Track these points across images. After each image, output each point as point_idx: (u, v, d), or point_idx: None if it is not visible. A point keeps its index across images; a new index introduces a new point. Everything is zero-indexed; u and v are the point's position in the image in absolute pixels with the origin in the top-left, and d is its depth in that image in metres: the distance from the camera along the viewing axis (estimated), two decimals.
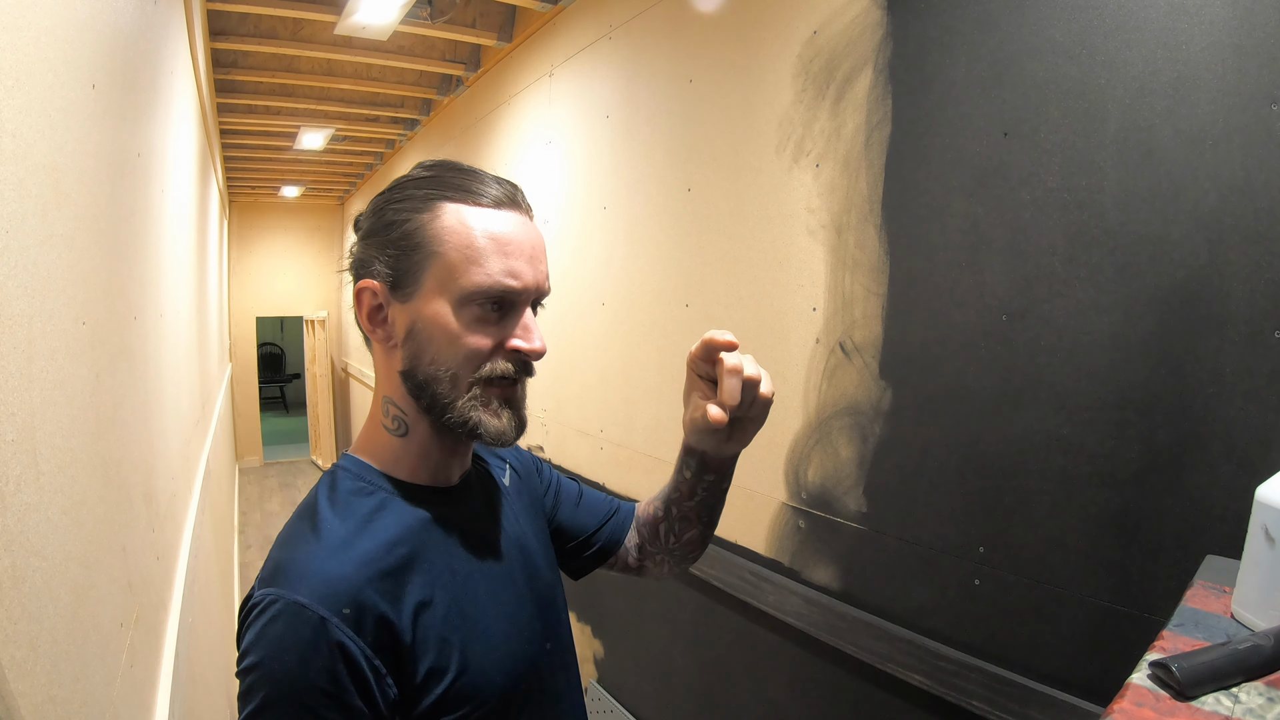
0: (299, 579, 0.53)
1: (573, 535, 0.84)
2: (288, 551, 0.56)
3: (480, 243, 0.59)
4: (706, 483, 0.74)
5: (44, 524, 0.61)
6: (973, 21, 1.12)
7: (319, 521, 0.57)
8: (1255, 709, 0.45)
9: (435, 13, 2.59)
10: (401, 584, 0.56)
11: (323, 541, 0.56)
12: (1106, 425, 0.96)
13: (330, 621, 0.51)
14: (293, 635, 0.50)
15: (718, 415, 0.60)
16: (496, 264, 0.59)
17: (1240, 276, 0.84)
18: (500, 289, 0.59)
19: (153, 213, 1.46)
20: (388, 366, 0.63)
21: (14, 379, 0.55)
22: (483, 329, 0.60)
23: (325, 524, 0.57)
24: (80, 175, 0.80)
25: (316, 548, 0.55)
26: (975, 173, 1.12)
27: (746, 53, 1.60)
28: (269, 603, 0.52)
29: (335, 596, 0.52)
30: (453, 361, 0.60)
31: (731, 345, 0.61)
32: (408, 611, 0.56)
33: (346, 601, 0.52)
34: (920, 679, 1.18)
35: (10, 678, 0.50)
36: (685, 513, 0.77)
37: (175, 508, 1.61)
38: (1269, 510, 0.56)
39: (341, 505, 0.59)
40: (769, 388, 0.62)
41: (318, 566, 0.54)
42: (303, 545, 0.56)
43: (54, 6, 0.70)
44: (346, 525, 0.57)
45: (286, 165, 5.41)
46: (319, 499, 0.60)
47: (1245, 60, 0.83)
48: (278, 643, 0.50)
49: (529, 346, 0.61)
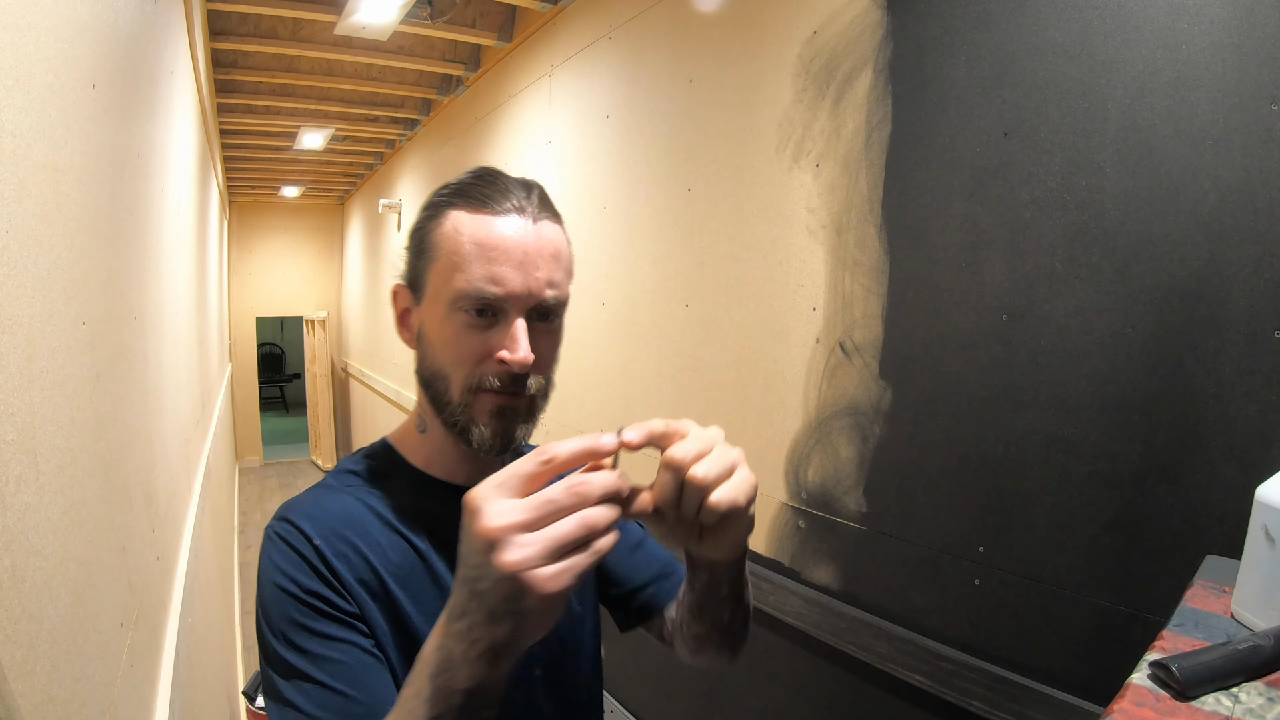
0: (295, 506, 0.62)
1: (617, 582, 0.79)
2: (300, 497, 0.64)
3: (465, 248, 0.58)
4: (700, 581, 0.63)
5: (44, 524, 0.61)
6: (973, 21, 1.12)
7: (328, 480, 0.66)
8: (1255, 709, 0.45)
9: (435, 13, 2.59)
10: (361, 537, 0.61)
11: (323, 488, 0.65)
12: (1106, 425, 0.96)
13: (308, 534, 0.58)
14: (279, 539, 0.59)
15: (641, 504, 0.48)
16: (478, 270, 0.58)
17: (1240, 276, 0.84)
18: (479, 294, 0.58)
19: (153, 213, 1.46)
20: (415, 365, 0.66)
21: (14, 379, 0.55)
22: (471, 335, 0.59)
23: (333, 480, 0.66)
24: (80, 175, 0.80)
25: (318, 491, 0.64)
26: (975, 173, 1.12)
27: (746, 53, 1.60)
28: (270, 525, 0.61)
29: (311, 518, 0.60)
30: (446, 366, 0.61)
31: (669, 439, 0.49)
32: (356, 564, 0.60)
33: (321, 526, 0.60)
34: (920, 679, 1.18)
35: (10, 678, 0.50)
36: (689, 604, 0.69)
37: (175, 508, 1.61)
38: (1269, 510, 0.56)
39: (352, 473, 0.66)
40: (728, 496, 0.48)
41: (311, 499, 0.63)
42: (311, 491, 0.65)
43: (54, 6, 0.70)
44: (346, 480, 0.65)
45: (286, 165, 5.41)
46: (339, 468, 0.68)
47: (1245, 60, 0.83)
48: (269, 545, 0.59)
49: (509, 356, 0.58)
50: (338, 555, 0.58)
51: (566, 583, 0.41)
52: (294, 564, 0.57)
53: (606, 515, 0.42)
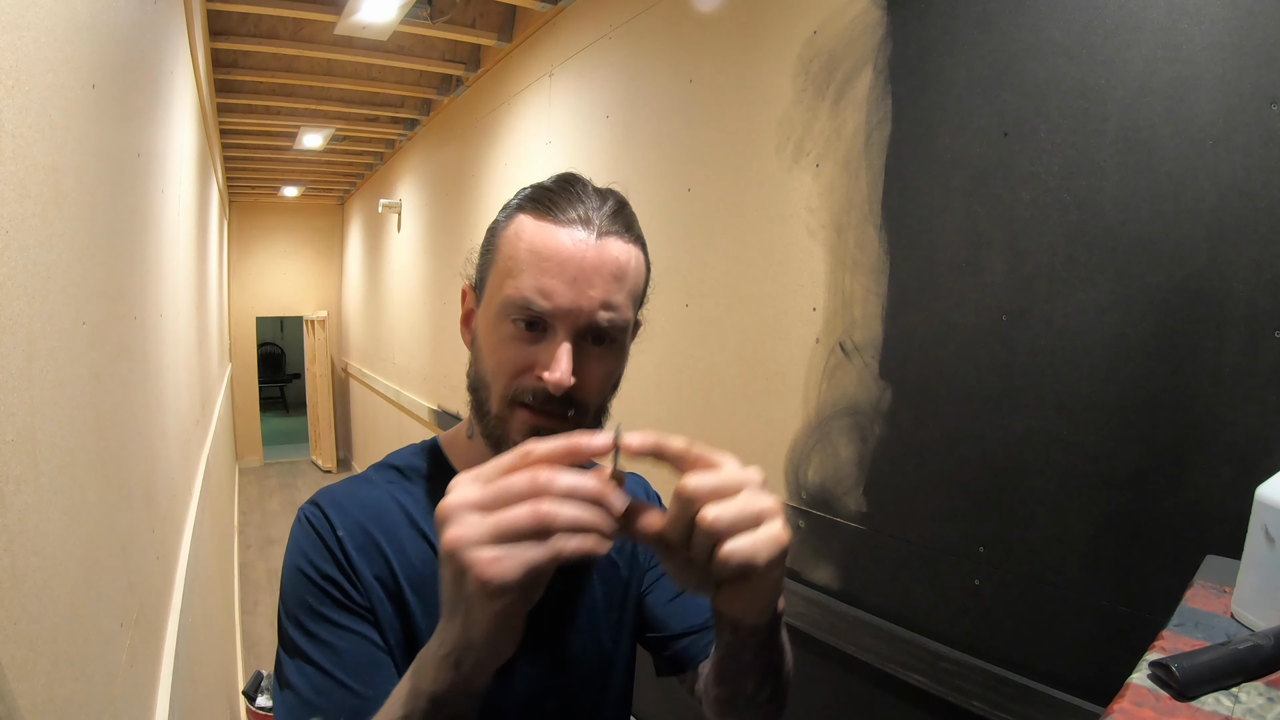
0: (326, 492, 0.63)
1: (654, 627, 0.75)
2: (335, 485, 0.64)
3: (521, 254, 0.55)
4: (724, 639, 0.53)
5: (44, 524, 0.61)
6: (973, 21, 1.12)
7: (367, 473, 0.66)
8: (1255, 709, 0.45)
9: (435, 13, 2.59)
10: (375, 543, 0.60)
11: (358, 478, 0.65)
12: (1106, 425, 0.96)
13: (335, 524, 0.59)
14: (307, 523, 0.60)
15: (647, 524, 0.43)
16: (529, 279, 0.54)
17: (1240, 276, 0.84)
18: (526, 304, 0.54)
19: (153, 213, 1.46)
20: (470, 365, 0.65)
21: (14, 379, 0.55)
22: (515, 346, 0.56)
23: (371, 473, 0.66)
24: (80, 175, 0.80)
25: (352, 481, 0.65)
26: (975, 173, 1.12)
27: (746, 53, 1.60)
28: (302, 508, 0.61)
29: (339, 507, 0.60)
30: (488, 374, 0.58)
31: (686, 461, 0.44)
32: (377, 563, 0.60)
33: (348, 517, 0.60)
34: (920, 679, 1.18)
35: (10, 678, 0.50)
36: (713, 663, 0.60)
37: (175, 508, 1.61)
38: (1269, 510, 0.56)
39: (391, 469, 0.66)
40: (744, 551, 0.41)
41: (344, 488, 0.63)
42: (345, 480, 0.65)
43: (54, 6, 0.70)
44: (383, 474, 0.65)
45: (286, 165, 5.41)
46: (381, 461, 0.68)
47: (1245, 60, 0.83)
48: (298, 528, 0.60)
49: (547, 375, 0.54)
50: (358, 548, 0.59)
51: (509, 571, 0.37)
52: (315, 548, 0.58)
53: (571, 513, 0.38)
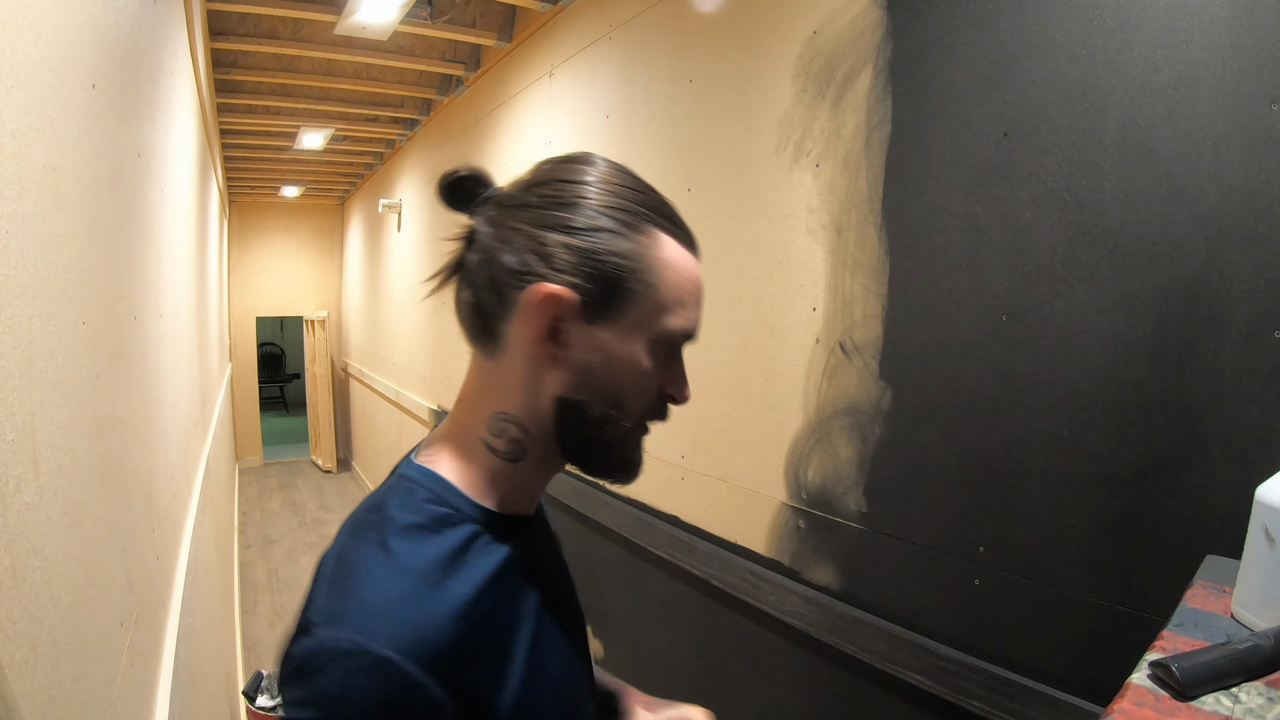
0: (382, 625, 0.43)
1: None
2: (360, 585, 0.46)
3: (689, 286, 0.56)
4: None
5: (44, 524, 0.61)
6: (973, 21, 1.12)
7: (396, 551, 0.47)
8: (1255, 709, 0.45)
9: (435, 13, 2.59)
10: (494, 635, 0.50)
11: (407, 577, 0.46)
12: (1106, 425, 0.97)
13: (423, 684, 0.43)
14: (376, 699, 0.42)
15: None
16: (694, 311, 0.56)
17: (1240, 276, 0.84)
18: (689, 336, 0.57)
19: (153, 213, 1.46)
20: (526, 383, 0.54)
21: (14, 379, 0.55)
22: (660, 370, 0.56)
23: (405, 554, 0.48)
24: (80, 175, 0.80)
25: (400, 586, 0.46)
26: (975, 173, 1.12)
27: (746, 53, 1.60)
28: (344, 652, 0.42)
29: (431, 652, 0.44)
30: (633, 399, 0.55)
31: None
32: (497, 667, 0.49)
33: (443, 659, 0.44)
34: (920, 679, 1.18)
35: (10, 678, 0.50)
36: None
37: (175, 508, 1.61)
38: (1269, 510, 0.56)
39: (423, 531, 0.50)
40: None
41: (406, 610, 0.45)
42: (382, 580, 0.46)
43: (54, 6, 0.70)
44: (431, 558, 0.48)
45: (286, 165, 5.41)
46: (391, 519, 0.50)
47: (1245, 60, 0.83)
48: (352, 704, 0.42)
49: (684, 395, 0.58)
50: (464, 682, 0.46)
51: None
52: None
53: None
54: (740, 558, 1.61)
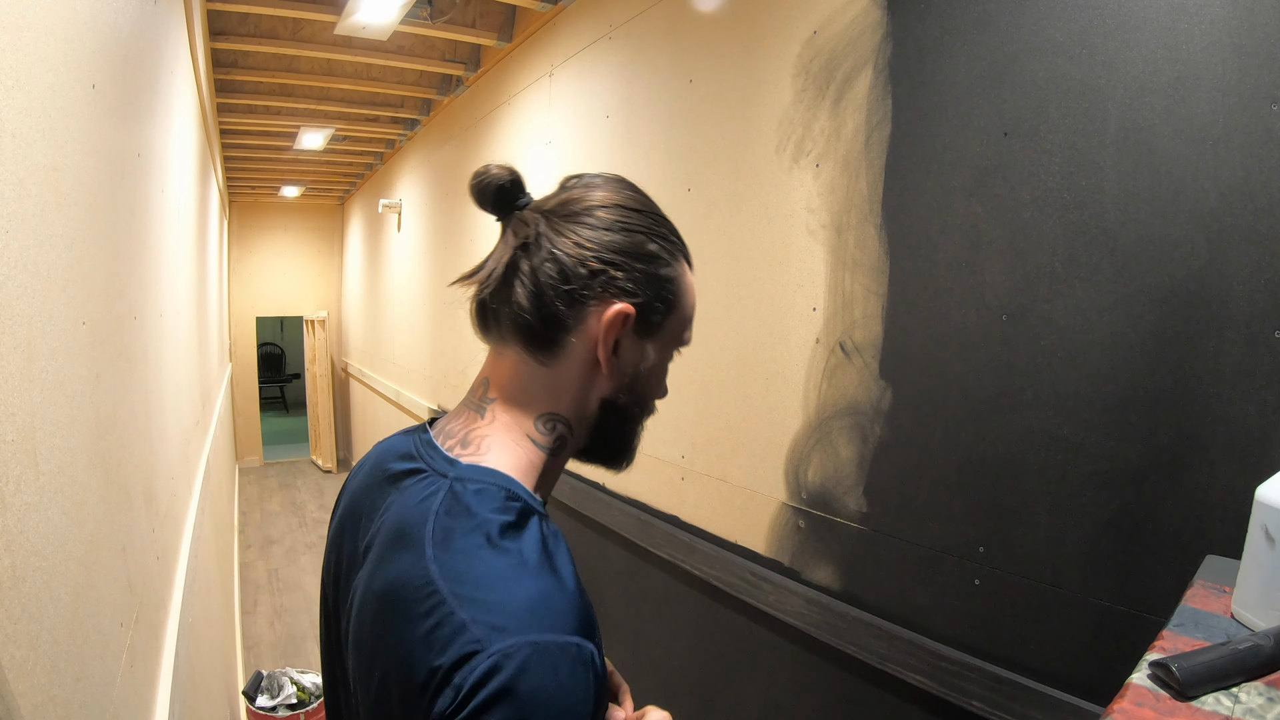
0: (547, 616, 0.46)
1: None
2: (499, 589, 0.47)
3: (694, 304, 0.66)
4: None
5: (44, 524, 0.61)
6: (973, 21, 1.12)
7: (509, 549, 0.49)
8: (1255, 709, 0.45)
9: (435, 13, 2.59)
10: (590, 604, 0.53)
11: (533, 569, 0.49)
12: (1106, 425, 0.97)
13: (598, 657, 0.47)
14: (580, 682, 0.44)
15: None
16: (692, 325, 0.66)
17: (1240, 276, 0.84)
18: (688, 345, 0.66)
19: (153, 213, 1.46)
20: (580, 387, 0.59)
21: (14, 379, 0.55)
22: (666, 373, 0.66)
23: (518, 551, 0.50)
24: (80, 175, 0.80)
25: (534, 577, 0.48)
26: (975, 173, 1.12)
27: (746, 53, 1.60)
28: (531, 654, 0.43)
29: (589, 624, 0.48)
30: (656, 399, 0.66)
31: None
32: (599, 632, 0.53)
33: (593, 630, 0.48)
34: (920, 679, 1.18)
35: (10, 678, 0.50)
36: None
37: (175, 508, 1.61)
38: (1269, 510, 0.56)
39: (517, 528, 0.52)
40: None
41: (554, 598, 0.47)
42: (517, 578, 0.48)
43: (54, 6, 0.70)
44: (533, 548, 0.50)
45: (286, 165, 5.42)
46: (489, 521, 0.51)
47: (1245, 60, 0.83)
48: (564, 696, 0.43)
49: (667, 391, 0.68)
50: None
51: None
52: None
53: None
54: (740, 558, 1.61)
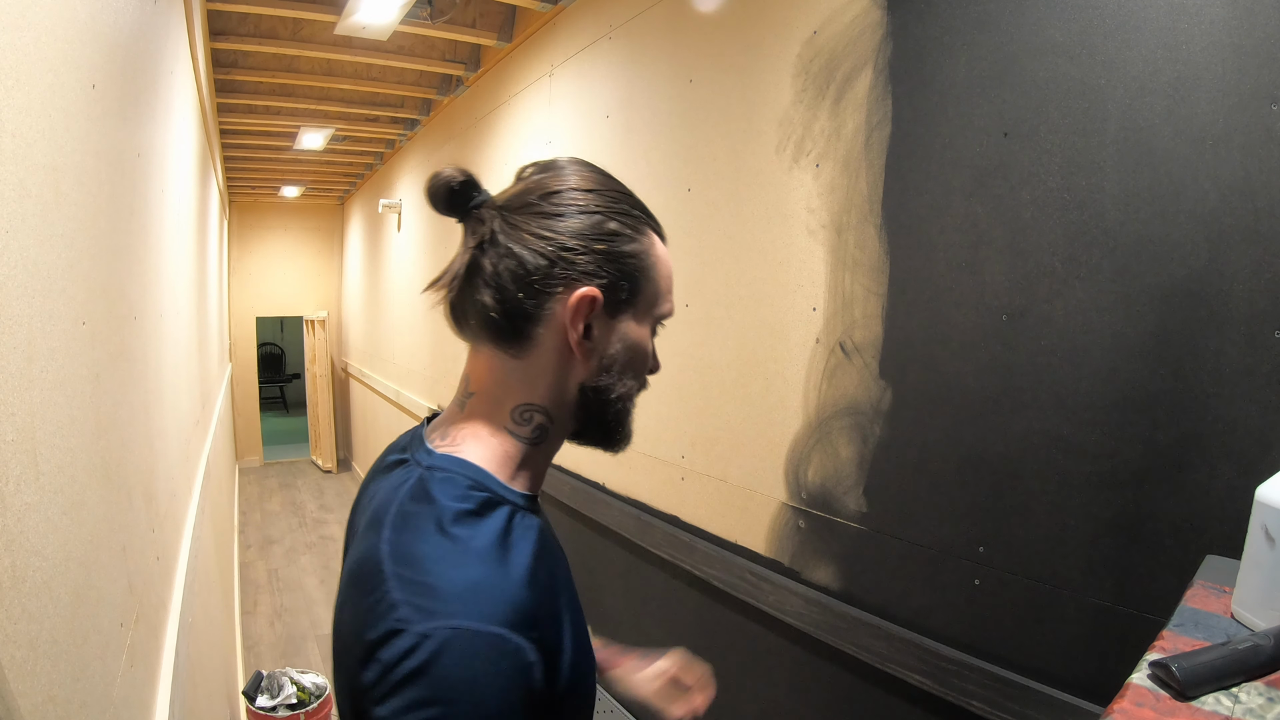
0: (475, 604, 0.46)
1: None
2: (437, 573, 0.48)
3: (670, 275, 0.65)
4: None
5: (44, 524, 0.61)
6: (973, 21, 1.12)
7: (458, 536, 0.50)
8: (1255, 709, 0.45)
9: (435, 13, 2.59)
10: (551, 600, 0.53)
11: (477, 557, 0.49)
12: (1106, 425, 0.97)
13: (525, 649, 0.46)
14: (494, 673, 0.44)
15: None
16: (672, 295, 0.66)
17: (1240, 276, 0.84)
18: (671, 315, 0.66)
19: (153, 213, 1.46)
20: (554, 375, 0.59)
21: (14, 379, 0.55)
22: (650, 343, 0.65)
23: (466, 537, 0.50)
24: (80, 175, 0.80)
25: (475, 566, 0.48)
26: (975, 173, 1.12)
27: (746, 53, 1.60)
28: (449, 638, 0.44)
29: (522, 618, 0.47)
30: (640, 377, 0.65)
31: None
32: (557, 629, 0.53)
33: (530, 622, 0.48)
34: (920, 679, 1.18)
35: (10, 678, 0.50)
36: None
37: (175, 508, 1.61)
38: (1269, 510, 0.56)
39: (474, 516, 0.52)
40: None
41: (490, 588, 0.47)
42: (457, 564, 0.48)
43: (54, 6, 0.70)
44: (487, 538, 0.51)
45: (286, 165, 5.41)
46: (444, 508, 0.52)
47: (1245, 60, 0.83)
48: (475, 684, 0.43)
49: (658, 365, 0.67)
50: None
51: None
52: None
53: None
54: (740, 558, 1.61)
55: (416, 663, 0.43)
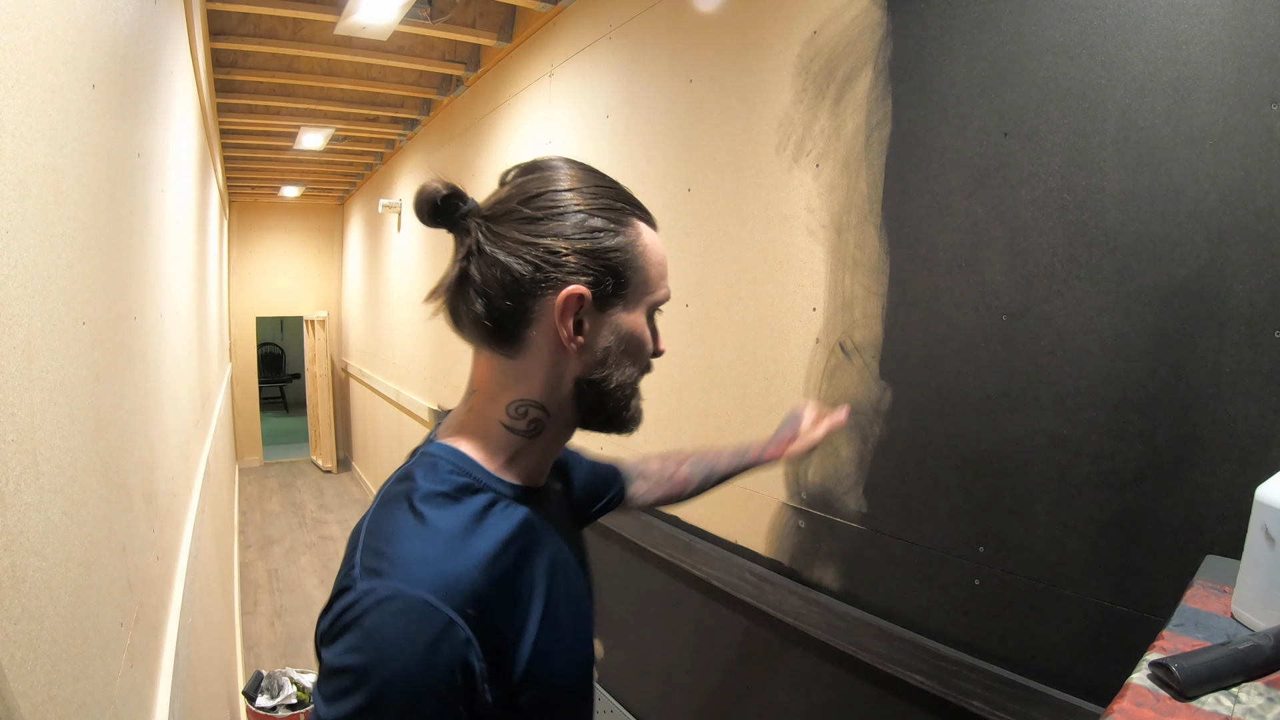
0: (417, 573, 0.50)
1: (589, 502, 0.90)
2: (394, 543, 0.52)
3: (663, 261, 0.65)
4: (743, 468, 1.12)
5: (44, 524, 0.61)
6: (973, 21, 1.12)
7: (425, 514, 0.54)
8: (1255, 709, 0.45)
9: (435, 13, 2.59)
10: (514, 587, 0.56)
11: (436, 535, 0.53)
12: (1106, 425, 0.97)
13: (456, 623, 0.49)
14: (414, 634, 0.48)
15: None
16: (667, 281, 0.67)
17: (1240, 276, 0.84)
18: (667, 300, 0.66)
19: (153, 213, 1.46)
20: (548, 372, 0.61)
21: (14, 379, 0.55)
22: (648, 330, 0.66)
23: (434, 517, 0.55)
24: (80, 175, 0.80)
25: (431, 541, 0.53)
26: (975, 173, 1.12)
27: (746, 53, 1.60)
28: (385, 597, 0.49)
29: (460, 595, 0.50)
30: (640, 366, 0.66)
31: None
32: (517, 616, 0.56)
33: (470, 601, 0.51)
34: (920, 679, 1.18)
35: (10, 678, 0.50)
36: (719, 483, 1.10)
37: (175, 508, 1.61)
38: (1269, 510, 0.56)
39: (448, 498, 0.57)
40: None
41: (437, 562, 0.52)
42: (413, 537, 0.53)
43: (54, 6, 0.70)
44: (457, 520, 0.55)
45: (286, 165, 5.41)
46: (419, 487, 0.56)
47: (1245, 60, 0.83)
48: (396, 641, 0.48)
49: (662, 348, 0.68)
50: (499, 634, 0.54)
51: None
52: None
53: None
54: (740, 558, 1.61)
55: (355, 614, 0.49)
